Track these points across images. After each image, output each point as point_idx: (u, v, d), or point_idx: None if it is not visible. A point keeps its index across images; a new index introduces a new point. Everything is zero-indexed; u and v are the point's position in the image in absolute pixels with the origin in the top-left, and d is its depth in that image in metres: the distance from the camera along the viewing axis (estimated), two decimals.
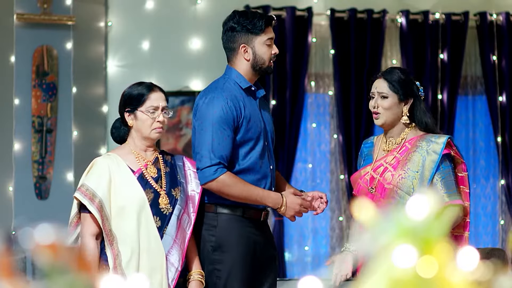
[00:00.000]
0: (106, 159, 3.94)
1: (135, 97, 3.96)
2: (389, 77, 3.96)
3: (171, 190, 3.97)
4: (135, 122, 3.96)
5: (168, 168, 4.03)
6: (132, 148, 4.00)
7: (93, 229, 3.84)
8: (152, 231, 3.88)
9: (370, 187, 3.98)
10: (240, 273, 4.11)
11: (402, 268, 1.09)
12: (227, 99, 4.07)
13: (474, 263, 1.14)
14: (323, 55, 7.89)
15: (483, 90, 8.03)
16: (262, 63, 4.15)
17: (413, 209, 1.10)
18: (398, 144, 4.00)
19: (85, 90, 7.47)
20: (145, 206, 3.87)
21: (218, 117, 4.04)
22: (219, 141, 4.02)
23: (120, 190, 3.86)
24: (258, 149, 4.14)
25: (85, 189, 3.84)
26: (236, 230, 4.13)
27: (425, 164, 3.89)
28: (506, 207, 7.92)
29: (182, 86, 7.76)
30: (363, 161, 4.15)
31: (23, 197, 7.26)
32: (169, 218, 3.92)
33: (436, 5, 7.96)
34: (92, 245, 3.85)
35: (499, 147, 7.89)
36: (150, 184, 3.93)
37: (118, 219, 3.84)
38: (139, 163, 3.97)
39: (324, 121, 7.90)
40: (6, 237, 1.26)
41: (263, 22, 4.13)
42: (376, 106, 3.98)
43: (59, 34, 7.40)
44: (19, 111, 7.34)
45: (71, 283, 1.17)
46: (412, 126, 4.01)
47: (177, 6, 7.77)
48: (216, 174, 4.02)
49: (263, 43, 4.14)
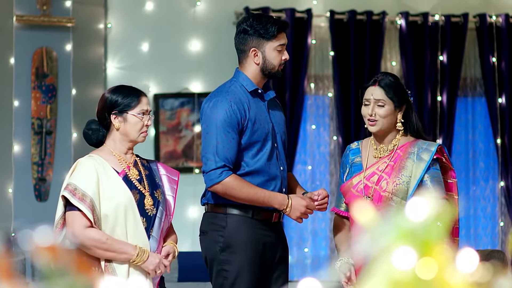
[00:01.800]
0: (90, 160, 3.92)
1: (127, 100, 3.94)
2: (385, 85, 3.94)
3: (154, 192, 3.97)
4: (123, 124, 3.95)
5: (147, 171, 4.03)
6: (112, 150, 3.98)
7: (87, 222, 3.79)
8: (140, 232, 3.88)
9: (365, 196, 3.96)
10: (248, 275, 4.11)
11: (401, 270, 1.09)
12: (230, 102, 4.09)
13: (474, 265, 1.14)
14: (323, 57, 7.89)
15: (482, 92, 8.03)
16: (272, 68, 4.18)
17: (412, 211, 1.10)
18: (390, 150, 3.98)
19: (84, 92, 7.47)
20: (133, 207, 3.87)
21: (222, 120, 4.05)
22: (224, 144, 4.04)
23: (109, 191, 3.85)
24: (266, 151, 4.15)
25: (73, 188, 3.80)
26: (245, 231, 4.13)
27: (414, 171, 3.89)
28: (506, 209, 7.93)
29: (182, 88, 7.76)
30: (350, 169, 4.09)
31: (23, 199, 7.26)
32: (154, 219, 3.93)
33: (435, 7, 7.97)
34: (94, 232, 3.78)
35: (498, 149, 7.90)
36: (134, 185, 3.92)
37: (107, 220, 3.83)
38: (121, 165, 3.95)
39: (324, 123, 7.91)
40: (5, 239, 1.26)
41: (276, 28, 4.14)
42: (373, 114, 3.97)
43: (59, 36, 7.40)
44: (19, 113, 7.34)
45: (71, 285, 1.17)
46: (402, 132, 3.99)
47: (177, 8, 7.78)
48: (221, 177, 4.03)
49: (274, 48, 4.16)
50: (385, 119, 3.95)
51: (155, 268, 3.86)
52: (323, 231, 7.84)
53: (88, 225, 3.80)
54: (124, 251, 3.81)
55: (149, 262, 3.84)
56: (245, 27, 4.20)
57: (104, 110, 3.96)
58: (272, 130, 4.20)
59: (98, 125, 4.00)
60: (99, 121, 4.00)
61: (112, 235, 3.83)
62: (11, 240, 6.86)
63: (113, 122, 3.94)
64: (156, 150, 7.69)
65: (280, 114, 4.34)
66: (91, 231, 3.79)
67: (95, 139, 4.01)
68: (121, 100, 3.94)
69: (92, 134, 4.01)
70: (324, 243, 7.83)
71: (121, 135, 3.96)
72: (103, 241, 3.78)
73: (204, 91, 7.71)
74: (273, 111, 4.27)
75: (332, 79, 7.81)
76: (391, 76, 4.01)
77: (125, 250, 3.81)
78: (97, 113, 4.02)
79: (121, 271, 3.83)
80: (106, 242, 3.78)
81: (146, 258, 3.83)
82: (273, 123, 4.22)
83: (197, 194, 7.90)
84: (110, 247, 3.79)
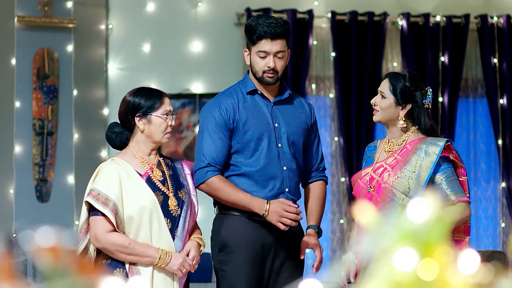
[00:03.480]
0: (112, 164, 3.93)
1: (150, 101, 3.96)
2: (393, 80, 4.06)
3: (178, 192, 3.99)
4: (147, 126, 3.96)
5: (171, 171, 4.04)
6: (136, 153, 4.00)
7: (109, 227, 3.81)
8: (164, 233, 3.88)
9: (369, 186, 4.04)
10: (246, 275, 4.12)
11: (403, 271, 1.09)
12: (220, 103, 4.14)
13: (475, 266, 1.14)
14: (324, 58, 7.89)
15: (483, 92, 8.03)
16: (255, 72, 4.18)
17: (414, 212, 1.10)
18: (399, 145, 4.07)
19: (85, 93, 7.48)
20: (157, 209, 3.88)
21: (210, 121, 4.12)
22: (210, 144, 4.11)
23: (132, 195, 3.86)
24: (262, 151, 4.16)
25: (97, 194, 3.81)
26: (242, 231, 4.14)
27: (422, 165, 3.95)
28: (507, 209, 7.93)
29: (183, 89, 7.76)
30: (365, 163, 4.21)
31: (24, 200, 7.27)
32: (178, 220, 3.93)
33: (437, 7, 7.96)
34: (116, 236, 3.80)
35: (499, 149, 7.90)
36: (158, 187, 3.93)
37: (131, 223, 3.84)
38: (144, 167, 3.97)
39: (325, 124, 7.91)
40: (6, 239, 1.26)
41: (257, 35, 4.11)
42: (375, 103, 4.09)
43: (60, 37, 7.41)
44: (20, 113, 7.34)
45: (72, 285, 1.17)
46: (414, 129, 4.07)
47: (178, 9, 7.78)
48: (206, 177, 4.09)
49: (255, 53, 4.15)
50: (385, 111, 4.07)
51: (180, 268, 3.87)
52: (324, 232, 7.79)
53: (111, 230, 3.81)
54: (146, 255, 3.82)
55: (172, 263, 3.85)
56: (246, 26, 4.21)
57: (127, 113, 3.97)
58: (274, 130, 4.19)
59: (121, 128, 4.02)
60: (122, 124, 4.02)
61: (136, 238, 3.84)
62: (12, 241, 6.86)
63: (137, 125, 3.96)
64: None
65: (298, 114, 4.29)
66: (114, 236, 3.80)
67: (119, 142, 4.03)
68: (144, 102, 3.96)
69: (116, 137, 4.03)
70: (325, 244, 7.83)
71: (145, 137, 3.98)
72: (125, 246, 3.80)
73: (205, 92, 7.71)
74: (284, 111, 4.25)
75: (333, 80, 7.81)
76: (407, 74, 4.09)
77: (148, 253, 3.82)
78: (120, 116, 4.02)
79: (145, 273, 3.85)
80: (128, 246, 3.80)
81: (169, 260, 3.84)
82: (277, 123, 4.21)
83: (198, 194, 7.90)
84: (133, 251, 3.81)
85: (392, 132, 4.12)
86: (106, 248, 3.81)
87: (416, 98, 4.04)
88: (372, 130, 7.72)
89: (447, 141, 4.01)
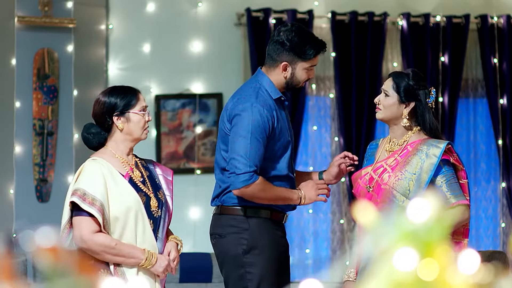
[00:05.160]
0: (96, 164, 3.90)
1: (125, 100, 3.95)
2: (396, 79, 4.07)
3: (157, 193, 3.98)
4: (126, 124, 3.95)
5: (147, 172, 4.04)
6: (114, 152, 3.97)
7: (95, 227, 3.79)
8: (148, 234, 3.88)
9: (368, 186, 4.06)
10: (272, 276, 4.19)
11: (403, 271, 1.09)
12: (263, 108, 4.15)
13: (475, 266, 1.14)
14: (324, 58, 7.88)
15: (484, 92, 8.03)
16: (296, 84, 4.27)
17: (414, 212, 1.10)
18: (400, 146, 4.07)
19: (86, 93, 7.47)
20: (141, 210, 3.87)
21: (256, 126, 4.11)
22: (256, 149, 4.11)
23: (117, 195, 3.85)
24: (286, 158, 4.26)
25: (82, 194, 3.78)
26: (267, 232, 4.21)
27: (423, 167, 3.96)
28: (507, 209, 7.92)
29: (183, 89, 7.76)
30: (366, 161, 4.23)
31: (24, 200, 7.27)
32: (159, 221, 3.93)
33: (437, 7, 7.96)
34: (102, 237, 3.78)
35: (500, 149, 7.89)
36: (139, 188, 3.92)
37: (116, 224, 3.83)
38: (125, 167, 3.95)
39: (325, 124, 7.91)
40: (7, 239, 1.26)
41: (314, 52, 4.19)
42: (378, 102, 4.10)
43: (60, 37, 7.41)
44: (20, 114, 7.34)
45: (72, 285, 1.17)
46: (417, 129, 4.08)
47: (178, 8, 7.78)
48: (251, 180, 4.09)
49: (304, 68, 4.20)
50: (388, 109, 4.09)
51: (164, 270, 3.88)
52: (324, 232, 7.84)
53: (97, 230, 3.79)
54: (132, 256, 3.82)
55: (158, 265, 3.85)
56: (284, 40, 4.19)
57: (104, 113, 3.95)
58: (291, 138, 4.29)
59: (98, 128, 4.00)
60: (98, 124, 4.00)
61: (121, 238, 3.82)
62: (13, 241, 6.86)
63: (116, 124, 3.94)
64: (158, 151, 7.69)
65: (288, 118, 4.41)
66: (100, 237, 3.78)
67: (97, 142, 4.01)
68: (120, 101, 3.94)
69: (93, 138, 4.00)
70: (325, 244, 7.83)
71: (124, 135, 3.96)
72: (112, 247, 3.78)
73: (205, 92, 7.71)
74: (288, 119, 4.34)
75: (334, 80, 7.81)
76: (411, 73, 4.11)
77: (134, 254, 3.81)
78: (96, 117, 3.99)
79: (130, 274, 3.84)
80: (114, 247, 3.78)
81: (155, 262, 3.84)
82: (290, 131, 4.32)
83: (198, 195, 7.91)
84: (119, 252, 3.79)
85: (394, 131, 4.12)
86: (92, 249, 3.78)
87: (420, 96, 4.06)
88: (373, 130, 7.72)
89: (448, 144, 4.02)
